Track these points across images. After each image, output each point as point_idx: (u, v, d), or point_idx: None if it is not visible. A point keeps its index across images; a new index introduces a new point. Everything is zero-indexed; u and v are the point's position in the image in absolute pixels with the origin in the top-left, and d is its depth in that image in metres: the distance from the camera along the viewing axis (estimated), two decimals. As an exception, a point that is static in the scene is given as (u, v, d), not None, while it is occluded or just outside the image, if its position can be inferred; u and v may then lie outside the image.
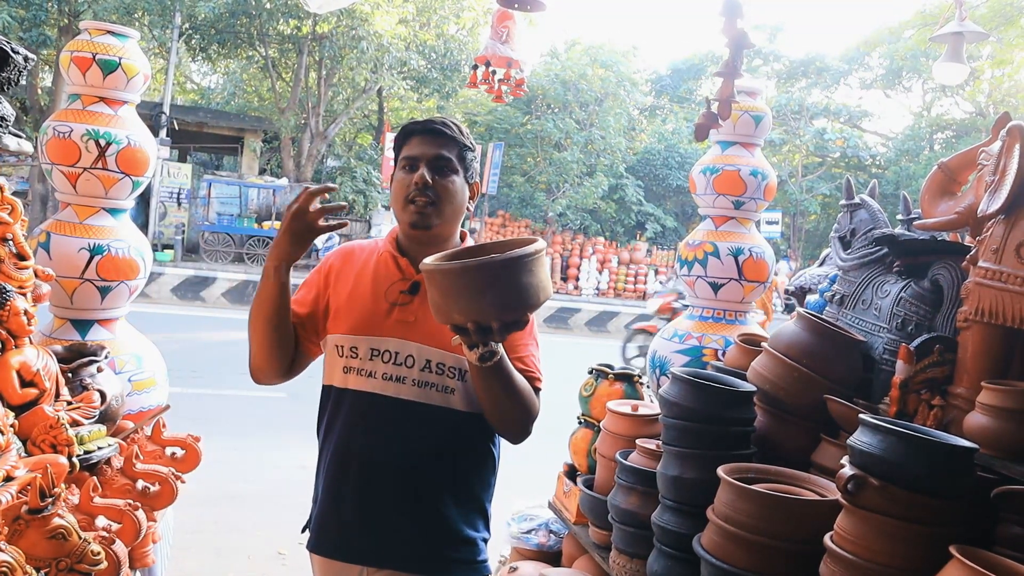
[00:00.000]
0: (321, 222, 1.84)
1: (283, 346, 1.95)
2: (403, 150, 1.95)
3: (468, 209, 2.00)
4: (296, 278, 1.86)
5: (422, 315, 1.88)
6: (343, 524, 1.93)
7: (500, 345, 1.71)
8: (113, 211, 3.06)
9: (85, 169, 2.93)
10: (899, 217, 2.73)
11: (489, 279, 1.57)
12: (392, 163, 2.00)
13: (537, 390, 1.91)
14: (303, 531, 2.09)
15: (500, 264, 1.57)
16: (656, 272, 22.79)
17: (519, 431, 1.89)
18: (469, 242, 2.03)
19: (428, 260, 1.65)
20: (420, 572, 1.89)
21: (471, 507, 1.96)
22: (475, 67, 3.28)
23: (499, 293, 1.56)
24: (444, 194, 1.89)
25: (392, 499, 1.89)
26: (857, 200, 2.62)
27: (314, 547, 1.99)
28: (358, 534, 1.90)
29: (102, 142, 2.92)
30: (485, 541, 1.99)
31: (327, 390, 2.00)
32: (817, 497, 1.87)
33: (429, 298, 1.65)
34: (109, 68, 2.96)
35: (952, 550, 1.41)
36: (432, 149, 1.90)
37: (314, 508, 2.03)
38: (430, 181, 1.87)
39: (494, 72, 3.21)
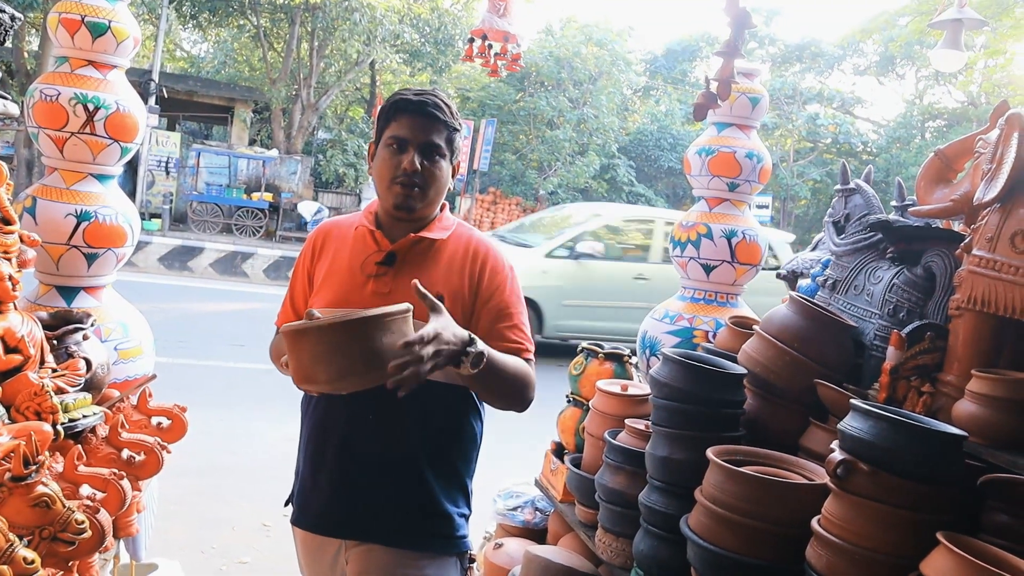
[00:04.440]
0: None
1: None
2: (391, 126, 1.89)
3: (449, 188, 2.00)
4: (290, 251, 1.83)
5: (396, 287, 1.88)
6: (323, 498, 1.93)
7: (482, 344, 1.70)
8: (101, 177, 3.02)
9: (73, 134, 2.88)
10: (893, 203, 2.72)
11: (351, 336, 1.55)
12: (375, 134, 1.96)
13: (529, 361, 1.91)
14: (286, 504, 2.09)
15: (359, 322, 1.56)
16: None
17: (520, 404, 1.89)
18: (447, 216, 2.01)
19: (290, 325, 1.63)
20: (398, 546, 1.89)
21: (451, 482, 1.96)
22: (471, 40, 3.24)
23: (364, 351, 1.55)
24: (431, 180, 1.88)
25: (371, 474, 1.89)
26: (852, 185, 2.61)
27: (296, 520, 2.01)
28: (338, 508, 1.91)
29: (90, 106, 2.87)
30: (465, 517, 1.99)
31: None
32: (805, 481, 1.87)
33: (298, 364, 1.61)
34: (98, 31, 2.90)
35: (939, 536, 1.42)
36: (423, 135, 1.86)
37: (296, 482, 2.04)
38: (419, 168, 1.85)
39: (490, 46, 3.17)
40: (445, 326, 1.63)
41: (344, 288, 1.93)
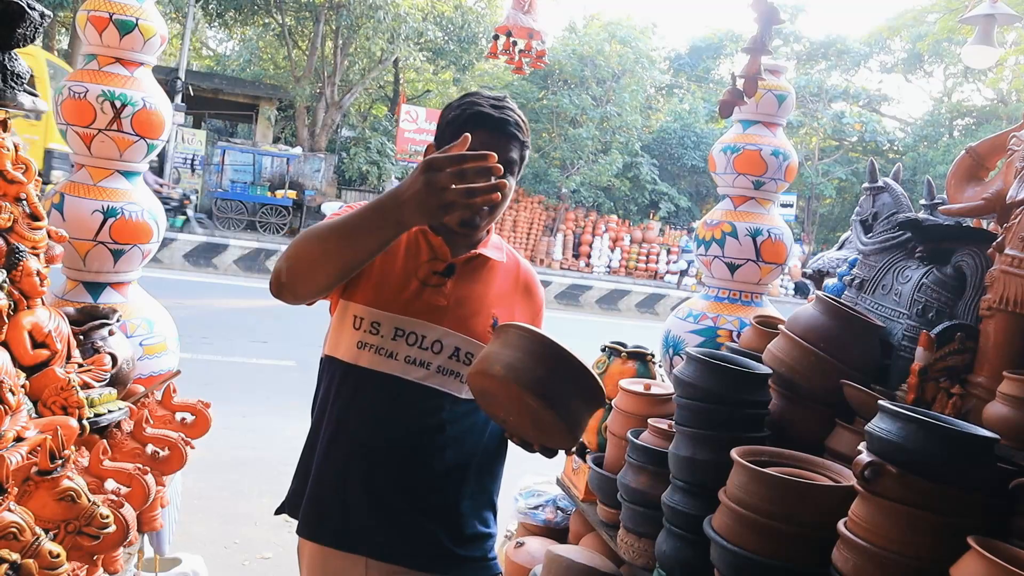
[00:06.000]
0: (460, 199, 1.40)
1: (335, 284, 1.71)
2: (471, 140, 1.74)
3: None
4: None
5: (455, 300, 1.79)
6: (348, 512, 1.80)
7: None
8: (127, 174, 3.05)
9: (100, 130, 2.91)
10: (922, 202, 2.68)
11: (567, 375, 1.52)
12: (435, 139, 1.81)
13: None
14: (277, 512, 1.97)
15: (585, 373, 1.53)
16: (668, 252, 22.71)
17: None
18: (494, 234, 1.96)
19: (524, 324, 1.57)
20: (429, 570, 1.80)
21: (482, 501, 1.89)
22: (496, 37, 3.23)
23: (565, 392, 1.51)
24: (500, 200, 1.73)
25: (404, 490, 1.79)
26: (880, 183, 2.58)
27: (310, 534, 1.86)
28: (365, 524, 1.79)
29: (117, 103, 2.90)
30: (493, 537, 1.92)
31: (330, 362, 1.86)
32: (831, 483, 1.85)
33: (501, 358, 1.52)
34: (126, 28, 2.93)
35: (970, 541, 1.39)
36: (502, 153, 1.73)
37: (305, 488, 1.88)
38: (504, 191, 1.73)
39: (515, 43, 3.16)
40: None
41: (394, 290, 1.79)
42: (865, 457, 1.57)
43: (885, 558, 1.52)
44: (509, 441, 1.77)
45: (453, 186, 1.38)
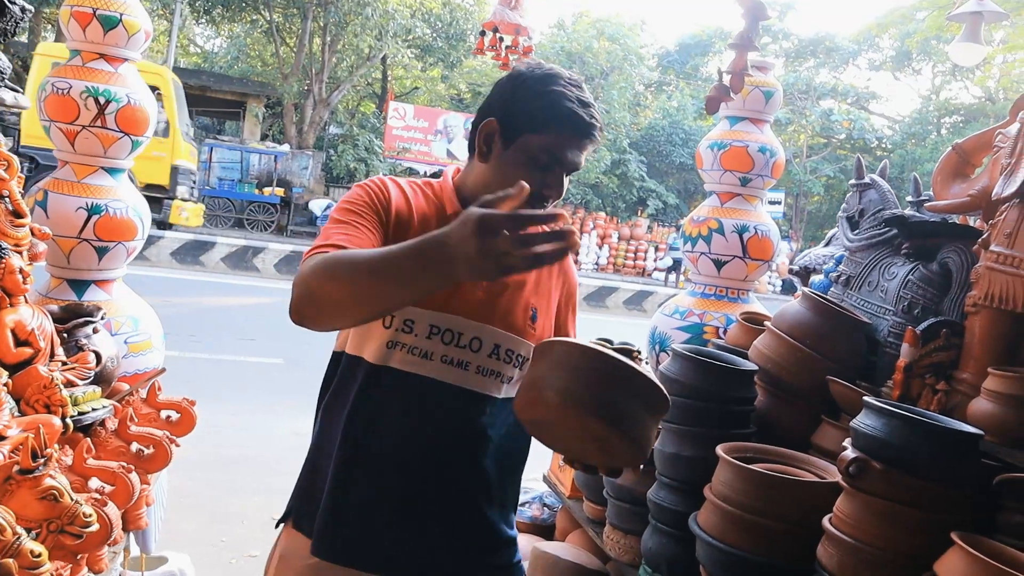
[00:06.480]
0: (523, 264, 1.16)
1: (371, 321, 1.53)
2: (549, 137, 1.55)
3: None
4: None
5: (492, 293, 1.63)
6: (378, 530, 1.62)
7: None
8: (112, 171, 3.02)
9: (84, 127, 2.88)
10: (908, 199, 2.69)
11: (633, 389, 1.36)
12: (499, 111, 1.58)
13: None
14: (278, 525, 1.80)
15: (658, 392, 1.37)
16: (656, 249, 22.76)
17: None
18: None
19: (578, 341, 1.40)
20: None
21: (508, 503, 1.76)
22: (483, 33, 3.22)
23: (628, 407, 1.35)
24: (557, 199, 1.61)
25: (437, 500, 1.62)
26: (867, 180, 2.59)
27: (332, 555, 1.63)
28: (391, 541, 1.62)
29: (101, 99, 2.87)
30: (516, 539, 1.81)
31: (352, 361, 1.65)
32: (817, 479, 1.85)
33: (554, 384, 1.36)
34: (110, 24, 2.90)
35: (954, 536, 1.40)
36: (579, 157, 1.59)
37: (317, 501, 1.66)
38: (563, 192, 1.59)
39: (502, 39, 3.16)
40: None
41: None
42: (850, 453, 1.58)
43: (870, 554, 1.53)
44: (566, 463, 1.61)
45: (513, 251, 1.15)
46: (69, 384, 2.17)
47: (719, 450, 1.89)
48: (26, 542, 1.53)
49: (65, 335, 2.39)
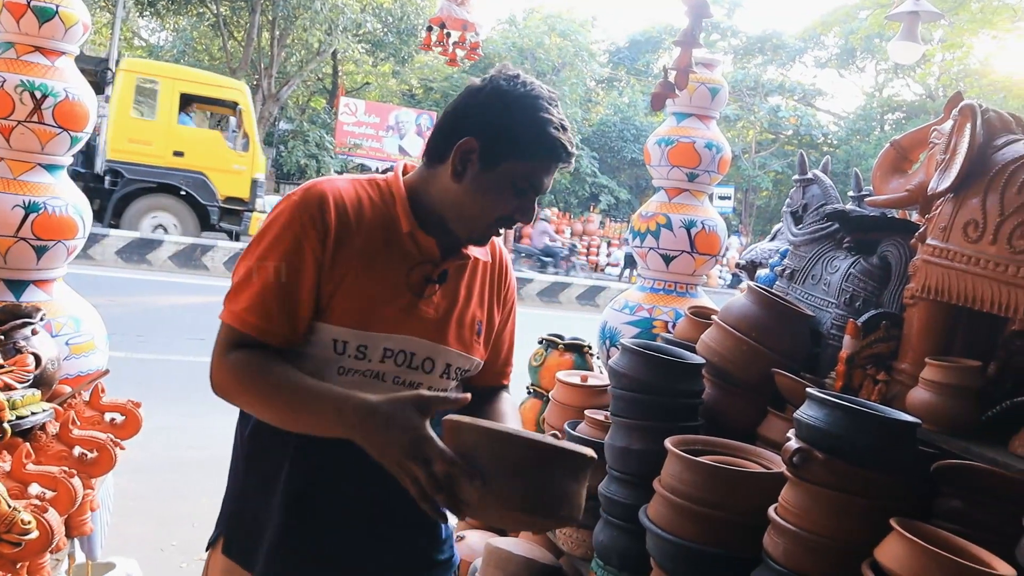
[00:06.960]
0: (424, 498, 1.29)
1: None
2: (533, 165, 1.52)
3: None
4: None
5: (443, 310, 1.58)
6: (326, 555, 1.60)
7: None
8: (50, 167, 2.94)
9: (19, 122, 2.80)
10: (850, 194, 2.75)
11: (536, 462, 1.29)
12: (473, 125, 1.51)
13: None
14: (208, 548, 1.77)
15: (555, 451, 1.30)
16: (609, 244, 22.92)
17: None
18: None
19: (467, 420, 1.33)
20: None
21: None
22: (429, 28, 3.21)
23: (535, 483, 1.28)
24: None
25: (393, 504, 1.55)
26: (810, 175, 2.63)
27: (275, 570, 1.60)
28: (351, 546, 1.61)
29: (37, 94, 2.79)
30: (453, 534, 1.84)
31: None
32: (763, 470, 1.88)
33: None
34: (45, 16, 2.82)
35: (893, 523, 1.43)
36: (551, 180, 1.57)
37: (252, 538, 1.67)
38: (532, 217, 1.59)
39: (449, 34, 3.14)
40: None
41: (382, 304, 1.53)
42: (793, 444, 1.61)
43: (814, 542, 1.56)
44: None
45: (423, 483, 1.26)
46: (7, 387, 2.12)
47: (668, 443, 1.91)
48: (-40, 551, 1.48)
49: (2, 337, 2.33)
